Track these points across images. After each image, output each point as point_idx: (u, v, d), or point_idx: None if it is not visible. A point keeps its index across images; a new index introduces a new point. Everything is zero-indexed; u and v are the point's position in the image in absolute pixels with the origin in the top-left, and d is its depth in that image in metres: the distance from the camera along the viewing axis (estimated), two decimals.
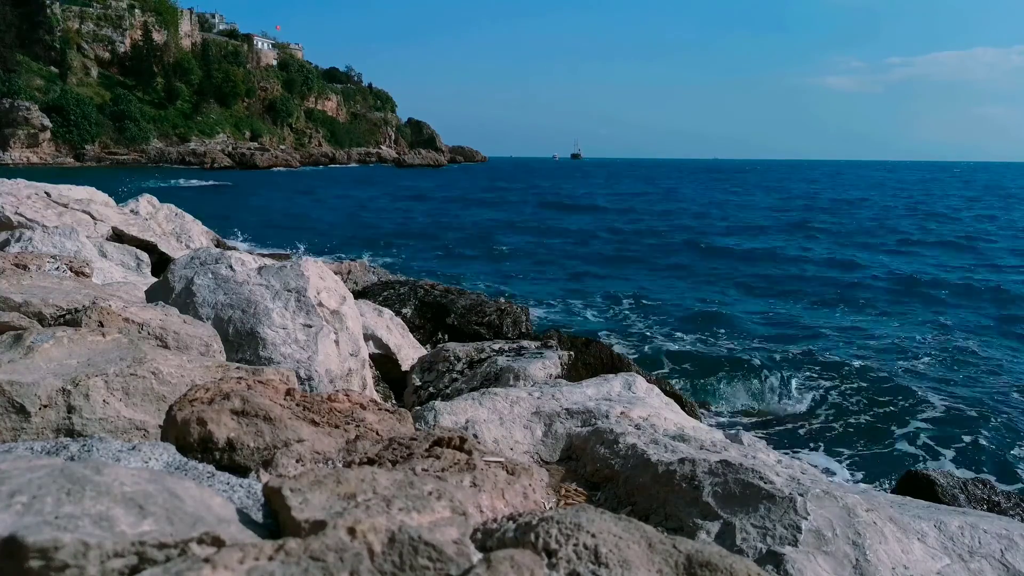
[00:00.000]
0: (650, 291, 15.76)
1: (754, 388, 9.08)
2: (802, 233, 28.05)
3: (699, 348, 11.07)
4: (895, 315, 13.85)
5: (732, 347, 11.11)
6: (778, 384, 9.25)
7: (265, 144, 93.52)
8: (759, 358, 10.51)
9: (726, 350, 10.93)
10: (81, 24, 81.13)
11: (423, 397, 4.38)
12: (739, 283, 17.10)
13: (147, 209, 8.30)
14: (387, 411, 1.77)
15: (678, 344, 11.33)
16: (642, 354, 10.43)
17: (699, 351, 10.90)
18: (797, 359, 10.48)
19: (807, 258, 21.41)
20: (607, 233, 27.19)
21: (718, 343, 11.36)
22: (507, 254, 21.46)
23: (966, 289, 16.50)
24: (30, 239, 4.51)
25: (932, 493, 4.06)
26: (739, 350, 10.93)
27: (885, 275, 18.38)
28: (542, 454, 2.67)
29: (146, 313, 2.41)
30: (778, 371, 9.82)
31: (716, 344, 11.29)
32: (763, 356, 10.64)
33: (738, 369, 9.92)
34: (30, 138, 67.97)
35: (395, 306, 6.79)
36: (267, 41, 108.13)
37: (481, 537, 1.08)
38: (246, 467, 1.44)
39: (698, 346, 11.20)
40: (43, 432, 1.63)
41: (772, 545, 1.84)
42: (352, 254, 17.88)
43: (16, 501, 0.85)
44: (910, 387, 9.32)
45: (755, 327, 12.53)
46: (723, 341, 11.47)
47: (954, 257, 22.03)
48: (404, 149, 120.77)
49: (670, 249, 22.94)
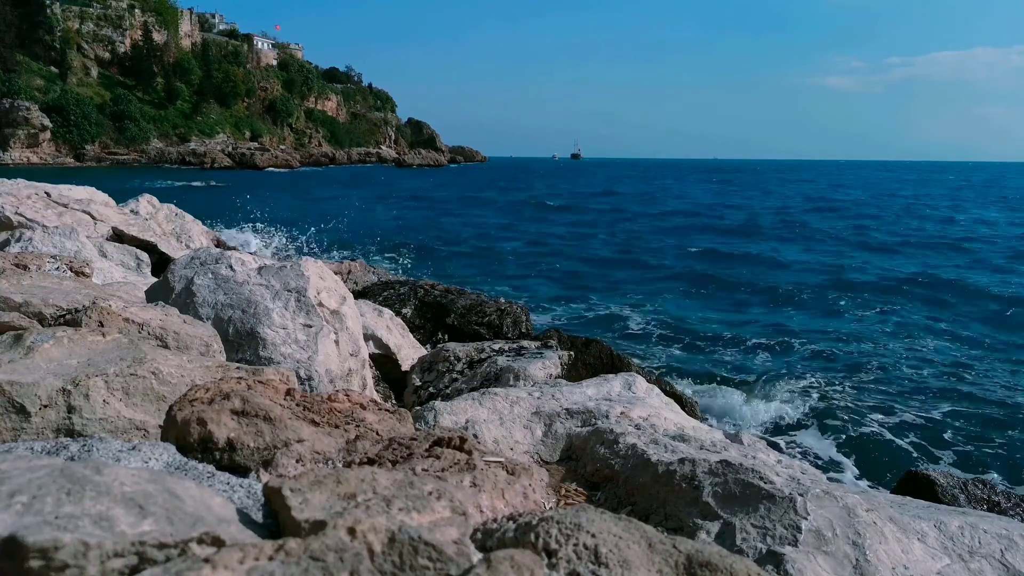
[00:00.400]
0: (649, 291, 15.77)
1: (754, 388, 9.08)
2: (802, 234, 28.07)
3: (699, 348, 11.07)
4: (895, 315, 13.85)
5: (732, 347, 11.11)
6: (778, 384, 9.25)
7: (265, 144, 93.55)
8: (759, 358, 10.52)
9: (726, 350, 10.93)
10: (81, 24, 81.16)
11: (423, 397, 4.38)
12: (739, 283, 17.11)
13: (147, 209, 8.31)
14: (387, 411, 1.77)
15: (678, 344, 11.34)
16: (642, 354, 10.43)
17: (699, 351, 10.90)
18: (797, 359, 10.49)
19: (806, 259, 21.42)
20: (605, 235, 27.24)
21: (718, 343, 11.36)
22: (505, 255, 21.47)
23: (963, 290, 16.50)
24: (30, 239, 4.51)
25: (932, 493, 4.06)
26: (739, 350, 10.94)
27: (884, 275, 18.39)
28: (542, 454, 2.67)
29: (146, 313, 2.41)
30: (778, 371, 9.83)
31: (716, 344, 11.29)
32: (763, 356, 10.65)
33: (738, 369, 9.93)
34: (30, 138, 67.99)
35: (395, 306, 6.79)
36: (267, 41, 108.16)
37: (481, 537, 1.08)
38: (246, 467, 1.44)
39: (698, 347, 11.21)
40: (43, 432, 1.63)
41: (772, 545, 1.84)
42: (353, 251, 17.94)
43: (16, 501, 0.85)
44: (910, 387, 9.33)
45: (755, 328, 12.53)
46: (723, 341, 11.47)
47: (949, 258, 22.04)
48: (404, 149, 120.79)
49: (669, 249, 22.96)
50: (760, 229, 29.62)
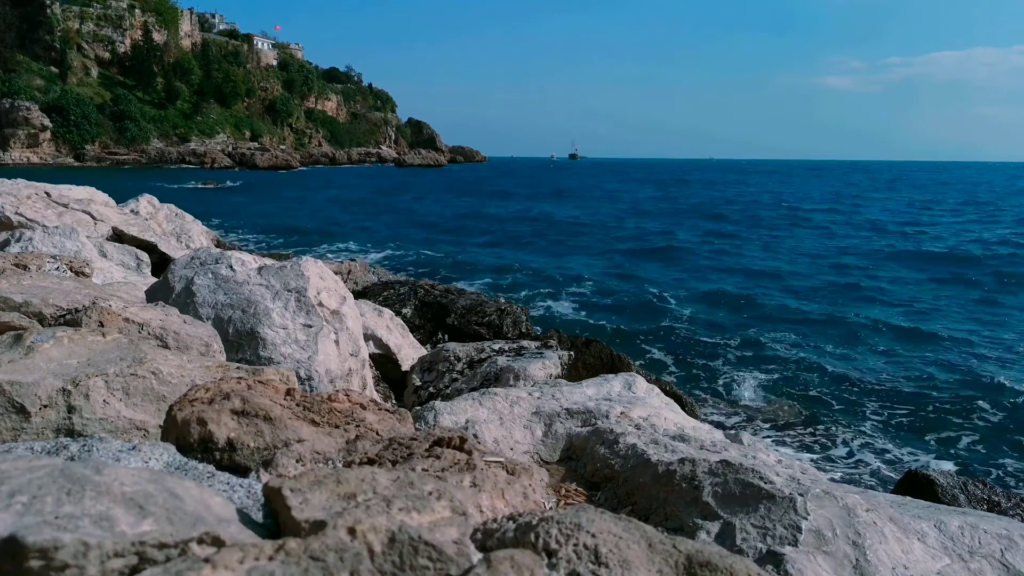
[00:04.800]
0: (649, 292, 15.78)
1: (754, 388, 9.09)
2: (815, 233, 28.08)
3: (699, 348, 11.07)
4: (895, 315, 13.85)
5: (732, 348, 11.11)
6: (777, 384, 9.26)
7: (265, 144, 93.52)
8: (759, 359, 10.52)
9: (726, 350, 10.93)
10: (81, 24, 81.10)
11: (423, 397, 4.38)
12: (739, 283, 17.12)
13: (147, 209, 8.30)
14: (387, 411, 1.77)
15: (677, 344, 11.34)
16: (642, 354, 10.44)
17: (699, 351, 10.90)
18: (797, 360, 10.49)
19: (804, 260, 21.44)
20: (602, 232, 27.32)
21: (718, 344, 11.36)
22: (503, 254, 21.51)
23: (969, 289, 16.52)
24: (30, 239, 4.51)
25: (932, 493, 4.06)
26: (739, 350, 10.94)
27: (885, 275, 18.40)
28: (542, 454, 2.67)
29: (146, 313, 2.41)
30: (777, 371, 9.83)
31: (716, 345, 11.29)
32: (763, 356, 10.65)
33: (738, 369, 9.93)
34: (30, 138, 67.96)
35: (395, 306, 6.79)
36: (267, 41, 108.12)
37: (481, 537, 1.08)
38: (246, 467, 1.44)
39: (698, 346, 11.21)
40: (43, 432, 1.63)
41: (772, 545, 1.84)
42: (355, 249, 18.09)
43: (16, 501, 0.85)
44: (909, 387, 9.33)
45: (755, 328, 12.53)
46: (723, 342, 11.47)
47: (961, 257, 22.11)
48: (404, 149, 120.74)
49: (668, 249, 22.98)
50: (758, 220, 29.68)
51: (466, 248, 22.20)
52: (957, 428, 8.03)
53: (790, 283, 17.25)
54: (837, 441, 7.60)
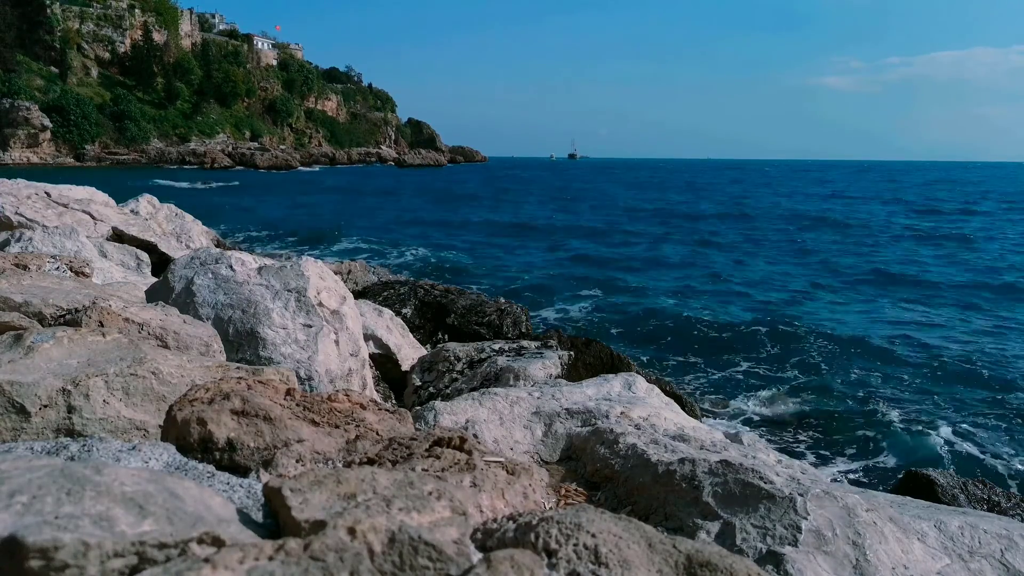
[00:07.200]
0: (648, 292, 15.78)
1: (754, 389, 9.08)
2: (815, 230, 28.09)
3: (700, 349, 11.07)
4: (895, 315, 13.85)
5: (733, 348, 11.11)
6: (778, 384, 9.25)
7: (265, 144, 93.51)
8: (759, 359, 10.52)
9: (727, 351, 10.93)
10: (81, 24, 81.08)
11: (423, 397, 4.38)
12: (738, 284, 17.11)
13: (147, 209, 8.30)
14: (387, 411, 1.77)
15: (677, 344, 11.34)
16: (642, 354, 10.43)
17: (700, 352, 10.90)
18: (797, 359, 10.49)
19: (804, 258, 21.44)
20: (600, 233, 27.36)
21: (719, 344, 11.36)
22: (499, 254, 21.53)
23: (969, 288, 16.52)
24: (30, 239, 4.51)
25: (932, 493, 4.06)
26: (739, 351, 10.93)
27: (883, 275, 18.39)
28: (542, 454, 2.67)
29: (146, 313, 2.41)
30: (778, 372, 9.83)
31: (717, 345, 11.29)
32: (763, 357, 10.65)
33: (739, 370, 9.93)
34: (30, 138, 67.94)
35: (395, 306, 6.79)
36: (267, 41, 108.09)
37: (481, 537, 1.08)
38: (246, 467, 1.44)
39: (699, 347, 11.20)
40: (43, 432, 1.63)
41: (772, 545, 1.84)
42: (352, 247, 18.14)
43: (16, 501, 0.85)
44: (909, 387, 9.33)
45: (754, 328, 12.52)
46: (723, 342, 11.47)
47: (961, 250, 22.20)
48: (404, 149, 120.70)
49: (667, 250, 22.99)
50: (752, 218, 29.70)
51: (466, 248, 22.27)
52: (957, 428, 8.02)
53: (790, 283, 17.26)
54: (837, 441, 7.59)
